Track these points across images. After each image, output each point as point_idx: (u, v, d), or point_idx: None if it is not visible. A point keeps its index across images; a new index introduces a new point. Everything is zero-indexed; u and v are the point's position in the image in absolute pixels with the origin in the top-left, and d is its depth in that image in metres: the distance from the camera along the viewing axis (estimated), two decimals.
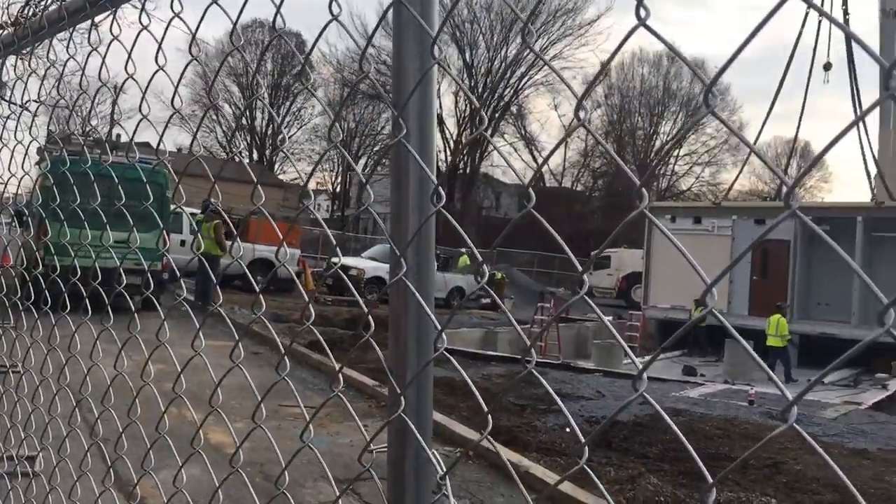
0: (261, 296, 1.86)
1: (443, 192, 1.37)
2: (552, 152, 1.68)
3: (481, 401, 1.46)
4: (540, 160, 54.86)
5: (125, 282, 2.29)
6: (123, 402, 2.43)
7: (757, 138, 37.92)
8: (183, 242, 18.70)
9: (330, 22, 1.53)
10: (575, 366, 15.28)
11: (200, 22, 1.85)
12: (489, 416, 1.39)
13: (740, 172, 29.06)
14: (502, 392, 8.21)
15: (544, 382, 1.33)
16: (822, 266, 23.78)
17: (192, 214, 17.21)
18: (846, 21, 25.31)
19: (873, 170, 25.96)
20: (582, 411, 10.08)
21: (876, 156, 26.08)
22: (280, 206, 46.23)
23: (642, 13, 1.06)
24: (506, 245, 42.06)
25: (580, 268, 1.30)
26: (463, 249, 30.67)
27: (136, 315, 2.25)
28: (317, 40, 1.82)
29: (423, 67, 1.42)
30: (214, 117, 54.22)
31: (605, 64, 45.28)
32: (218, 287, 2.08)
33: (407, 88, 1.43)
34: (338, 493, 1.73)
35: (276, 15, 1.65)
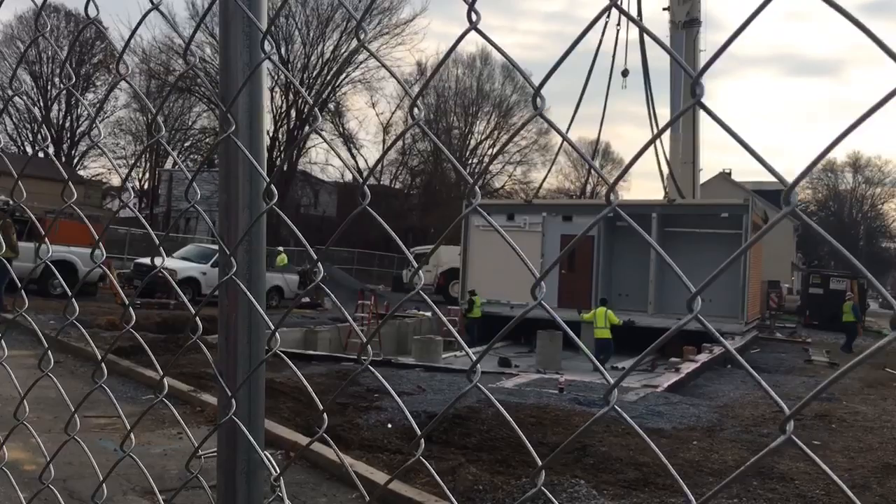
0: (73, 301, 1.75)
1: (275, 190, 1.35)
2: (387, 150, 1.70)
3: (318, 400, 1.45)
4: (359, 158, 54.86)
5: None
6: None
7: (562, 142, 39.98)
8: None
9: (150, 11, 1.46)
10: (396, 362, 15.43)
11: None
12: (325, 416, 1.38)
13: (549, 171, 30.52)
14: (337, 390, 8.17)
15: (383, 381, 1.34)
16: (622, 259, 25.48)
17: None
18: (641, 31, 27.24)
19: (666, 170, 28.19)
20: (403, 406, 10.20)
21: (668, 157, 28.33)
22: (82, 204, 43.23)
23: (473, 17, 1.10)
24: (324, 242, 41.74)
25: (415, 264, 1.33)
26: (280, 248, 30.07)
27: None
28: (135, 30, 1.73)
29: (252, 62, 1.39)
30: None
31: (437, 66, 45.95)
32: (23, 292, 1.92)
33: (236, 83, 1.38)
34: None
35: (88, 2, 1.55)
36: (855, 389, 15.09)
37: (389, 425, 8.98)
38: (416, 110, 1.18)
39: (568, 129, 29.64)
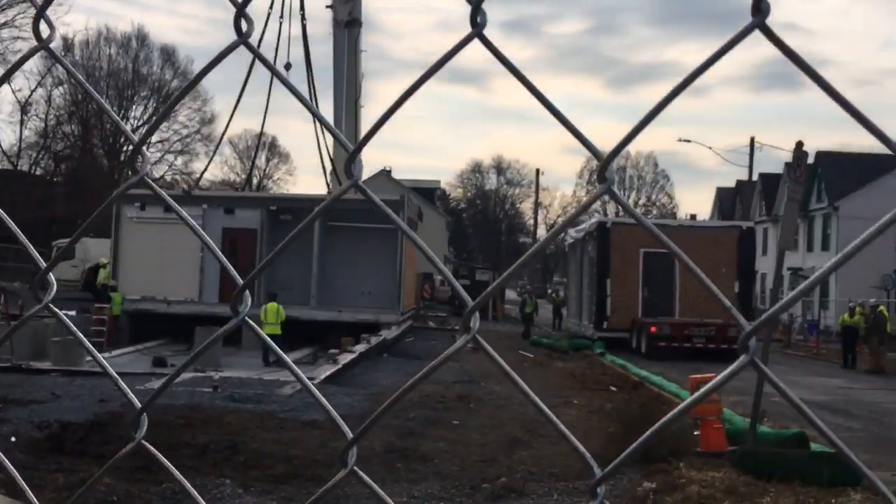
0: None
1: None
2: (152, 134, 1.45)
3: None
4: None
5: None
6: None
7: (225, 130, 38.75)
8: None
9: None
10: (28, 367, 13.87)
11: None
12: None
13: (210, 161, 29.52)
14: None
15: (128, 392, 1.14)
16: (284, 253, 25.48)
17: None
18: (304, 26, 27.44)
19: (329, 166, 28.75)
20: (32, 416, 9.20)
21: (331, 152, 28.91)
22: None
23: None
24: None
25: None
26: None
27: None
28: None
29: None
30: None
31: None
32: None
33: None
34: None
35: None
36: (493, 371, 16.67)
37: (13, 438, 8.05)
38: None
39: (230, 120, 28.92)
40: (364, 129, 31.23)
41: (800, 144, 9.02)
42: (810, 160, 46.90)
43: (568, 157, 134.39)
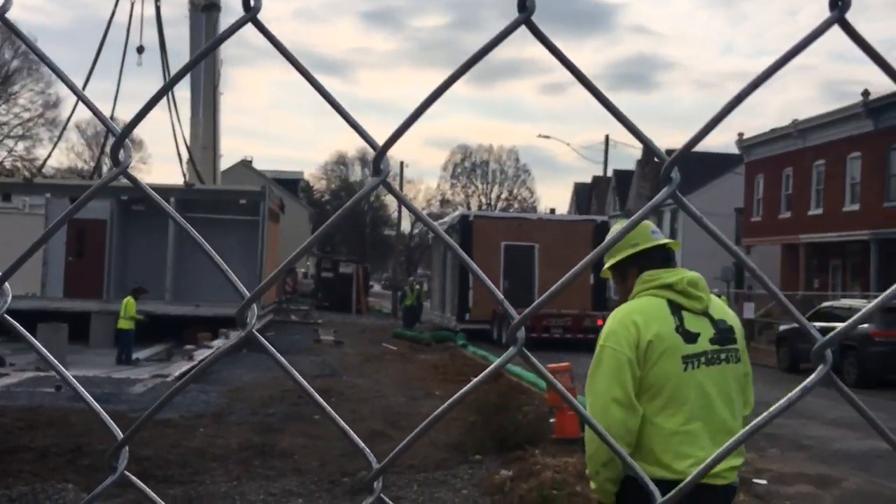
0: None
1: None
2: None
3: None
4: None
5: None
6: None
7: (71, 114, 36.56)
8: None
9: None
10: None
11: None
12: None
13: (54, 147, 27.77)
14: None
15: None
16: (137, 245, 24.38)
17: None
18: (158, 8, 26.25)
19: (185, 155, 27.65)
20: None
21: (188, 141, 27.82)
22: None
23: None
24: None
25: None
26: None
27: None
28: None
29: None
30: None
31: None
32: None
33: None
34: None
35: None
36: (355, 364, 16.61)
37: None
38: None
39: (75, 106, 27.30)
40: (224, 117, 30.23)
41: None
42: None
43: (432, 150, 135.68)
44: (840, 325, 0.95)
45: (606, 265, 3.33)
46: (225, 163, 35.44)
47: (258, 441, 8.86)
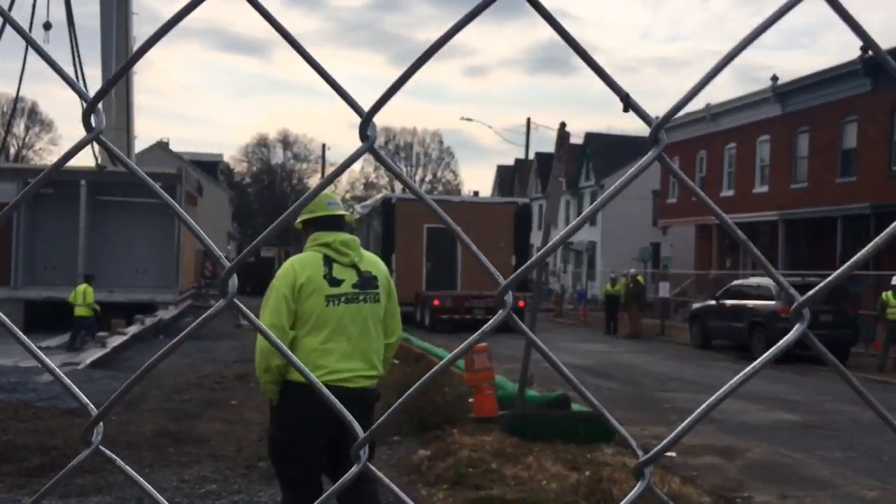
0: None
1: None
2: None
3: None
4: None
5: None
6: None
7: None
8: None
9: None
10: None
11: None
12: None
13: None
14: None
15: None
16: (46, 230, 23.51)
17: None
18: None
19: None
20: None
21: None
22: None
23: None
24: None
25: None
26: None
27: None
28: None
29: None
30: None
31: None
32: None
33: None
34: None
35: None
36: None
37: None
38: None
39: None
40: (138, 97, 29.27)
41: (563, 125, 9.59)
42: (580, 141, 50.05)
43: (356, 133, 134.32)
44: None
45: (295, 224, 4.22)
46: (140, 144, 34.40)
47: (172, 428, 8.69)
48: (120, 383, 10.66)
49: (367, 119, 0.91)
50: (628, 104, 0.91)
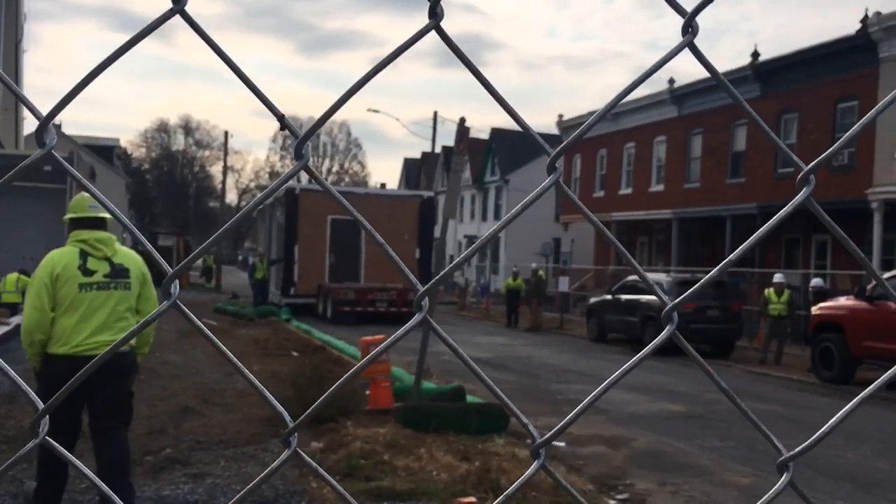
0: None
1: None
2: None
3: None
4: None
5: None
6: None
7: None
8: None
9: None
10: None
11: None
12: None
13: None
14: None
15: None
16: None
17: None
18: None
19: None
20: None
21: None
22: None
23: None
24: None
25: None
26: None
27: None
28: None
29: None
30: None
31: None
32: None
33: None
34: None
35: None
36: (171, 340, 15.96)
37: None
38: None
39: None
40: (28, 77, 27.91)
41: (462, 120, 9.70)
42: (485, 136, 50.45)
43: (260, 121, 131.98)
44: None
45: (64, 219, 5.10)
46: (28, 127, 32.79)
47: None
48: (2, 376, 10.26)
49: (302, 140, 0.94)
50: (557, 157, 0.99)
